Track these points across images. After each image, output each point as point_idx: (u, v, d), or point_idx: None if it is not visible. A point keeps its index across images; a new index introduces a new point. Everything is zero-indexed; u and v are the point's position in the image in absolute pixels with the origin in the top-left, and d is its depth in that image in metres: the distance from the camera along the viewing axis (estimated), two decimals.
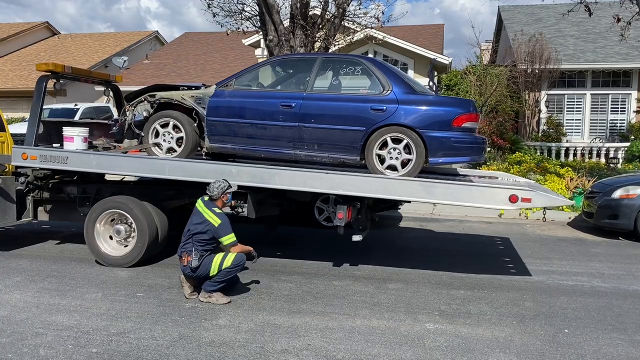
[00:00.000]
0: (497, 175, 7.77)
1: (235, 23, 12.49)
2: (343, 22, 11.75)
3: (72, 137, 6.70)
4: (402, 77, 6.17)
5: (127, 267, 6.43)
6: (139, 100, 6.71)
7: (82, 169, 6.63)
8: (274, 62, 6.83)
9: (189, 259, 5.23)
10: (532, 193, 5.48)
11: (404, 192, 5.71)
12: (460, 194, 5.60)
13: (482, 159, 6.14)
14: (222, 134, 6.34)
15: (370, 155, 5.85)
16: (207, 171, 6.09)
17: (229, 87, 6.46)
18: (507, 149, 16.12)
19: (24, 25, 30.40)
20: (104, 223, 6.56)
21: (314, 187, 5.87)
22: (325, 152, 6.06)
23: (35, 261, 6.79)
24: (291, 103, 6.07)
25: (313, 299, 5.42)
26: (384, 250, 7.73)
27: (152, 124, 6.51)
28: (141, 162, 6.39)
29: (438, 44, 23.24)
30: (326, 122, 5.97)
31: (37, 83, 6.96)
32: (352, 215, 6.18)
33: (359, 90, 6.28)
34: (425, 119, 5.72)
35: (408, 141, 5.73)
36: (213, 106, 6.33)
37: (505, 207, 5.59)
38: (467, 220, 10.40)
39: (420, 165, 5.72)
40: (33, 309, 5.05)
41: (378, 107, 5.84)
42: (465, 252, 7.74)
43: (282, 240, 8.17)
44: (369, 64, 6.25)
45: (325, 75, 6.42)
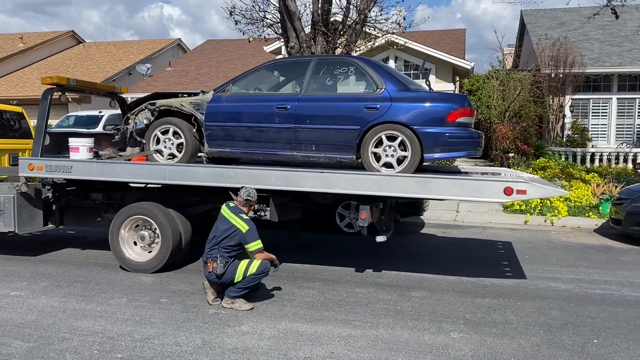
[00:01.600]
0: (499, 172, 7.74)
1: (257, 30, 12.58)
2: (364, 28, 11.74)
3: (77, 147, 6.83)
4: (395, 75, 6.18)
5: (151, 272, 6.48)
6: (139, 108, 6.84)
7: (85, 177, 6.74)
8: (269, 66, 6.86)
9: (215, 266, 5.24)
10: (527, 185, 5.44)
11: (398, 189, 5.70)
12: (455, 188, 5.60)
13: (479, 153, 6.17)
14: (221, 138, 6.44)
15: (366, 154, 5.88)
16: (205, 175, 6.20)
17: (226, 92, 6.56)
18: (531, 154, 15.91)
19: (50, 34, 31.08)
20: (129, 229, 6.63)
21: (311, 186, 5.89)
22: (322, 153, 6.11)
23: (62, 266, 6.90)
24: (286, 105, 6.13)
25: (336, 306, 5.39)
26: (406, 257, 7.66)
27: (152, 131, 6.64)
28: (142, 168, 6.50)
29: (460, 49, 23.09)
30: (321, 122, 6.03)
31: (43, 96, 7.08)
32: (375, 215, 6.15)
33: (353, 89, 6.30)
34: (418, 115, 5.73)
35: (403, 138, 5.75)
36: (211, 112, 6.43)
37: (501, 200, 5.58)
38: (491, 227, 10.26)
39: (416, 161, 5.73)
40: (59, 313, 5.11)
41: (371, 106, 5.87)
42: (490, 259, 7.64)
43: (303, 247, 8.16)
44: (362, 63, 6.29)
45: (319, 76, 6.46)
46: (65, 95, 7.16)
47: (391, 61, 20.16)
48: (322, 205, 7.07)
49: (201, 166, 6.39)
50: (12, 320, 4.93)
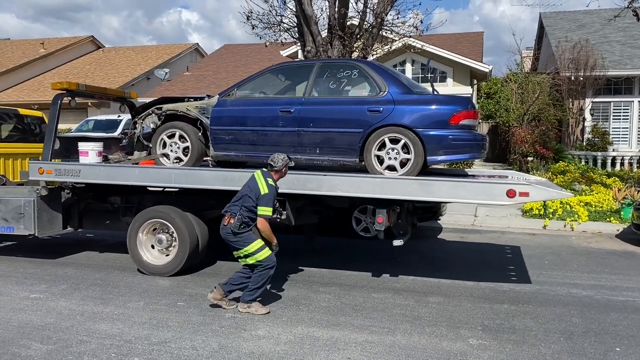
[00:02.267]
0: (507, 174, 7.68)
1: (273, 35, 12.60)
2: (381, 31, 11.70)
3: (86, 152, 6.92)
4: (398, 78, 6.18)
5: (168, 276, 6.51)
6: (146, 113, 6.91)
7: (92, 181, 6.86)
8: (273, 70, 6.87)
9: (232, 221, 5.23)
10: (530, 187, 5.39)
11: (401, 191, 5.68)
12: (457, 190, 5.57)
13: (482, 156, 6.13)
14: (226, 142, 6.50)
15: (369, 157, 5.88)
16: (210, 178, 6.30)
17: (230, 96, 6.62)
18: (551, 158, 15.70)
19: (70, 40, 31.55)
20: (146, 232, 6.68)
21: (313, 189, 5.90)
22: (325, 156, 6.12)
23: (80, 269, 6.96)
24: (290, 108, 6.17)
25: (352, 311, 5.35)
26: (424, 262, 7.60)
27: (159, 135, 6.72)
28: (148, 172, 6.59)
29: (477, 52, 22.93)
30: (324, 125, 6.05)
31: (53, 101, 7.18)
32: (392, 219, 6.11)
33: (356, 93, 6.31)
34: (421, 118, 5.72)
35: (406, 141, 5.74)
36: (216, 115, 6.50)
37: (504, 203, 5.49)
38: (510, 232, 10.14)
39: (419, 164, 5.71)
40: (78, 316, 5.16)
41: (374, 109, 5.87)
42: (508, 264, 7.53)
43: (319, 251, 8.14)
44: (365, 66, 6.31)
45: (323, 80, 6.48)
46: (75, 100, 7.28)
47: (408, 64, 20.10)
48: (338, 209, 7.06)
49: (206, 170, 6.47)
50: (31, 323, 4.98)
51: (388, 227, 6.02)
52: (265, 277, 5.26)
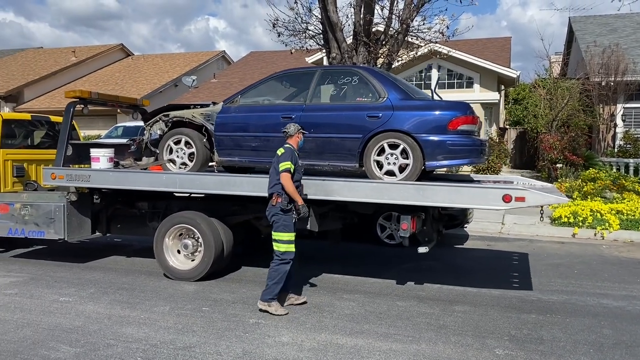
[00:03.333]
0: (512, 180, 7.68)
1: (299, 42, 12.67)
2: (407, 37, 11.66)
3: (98, 157, 7.09)
4: (398, 84, 6.25)
5: (194, 281, 6.57)
6: (154, 120, 7.10)
7: (102, 186, 7.09)
8: (276, 77, 6.99)
9: (279, 200, 5.39)
10: (526, 192, 5.37)
11: (398, 196, 5.70)
12: (453, 195, 5.59)
13: (482, 161, 6.17)
14: (230, 147, 6.65)
15: (369, 162, 5.94)
16: (213, 183, 6.45)
17: (234, 103, 6.78)
18: (580, 165, 15.39)
19: (100, 48, 32.26)
20: (173, 237, 6.76)
21: (312, 194, 5.93)
22: (326, 161, 6.22)
23: (108, 273, 7.08)
24: (291, 115, 6.28)
25: (376, 319, 5.32)
26: (449, 271, 7.51)
27: (166, 141, 6.92)
28: (155, 177, 6.75)
29: (505, 57, 22.68)
30: (324, 131, 6.15)
31: (66, 109, 7.42)
32: (417, 226, 6.08)
33: (356, 99, 6.38)
34: (420, 123, 5.77)
35: (404, 146, 5.79)
36: (220, 122, 6.66)
37: (501, 207, 5.52)
38: (538, 240, 9.96)
39: (418, 169, 5.76)
40: (105, 320, 5.24)
41: (373, 114, 5.95)
42: (536, 273, 7.39)
43: (343, 257, 8.12)
44: (366, 73, 6.41)
45: (324, 86, 6.59)
46: (87, 108, 7.49)
47: (434, 70, 19.98)
48: (362, 215, 7.05)
49: (209, 175, 6.61)
50: (60, 326, 5.08)
51: (413, 233, 5.98)
52: (281, 272, 5.41)
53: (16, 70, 29.45)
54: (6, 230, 7.39)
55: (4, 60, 31.66)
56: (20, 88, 27.01)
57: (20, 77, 28.11)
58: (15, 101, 26.85)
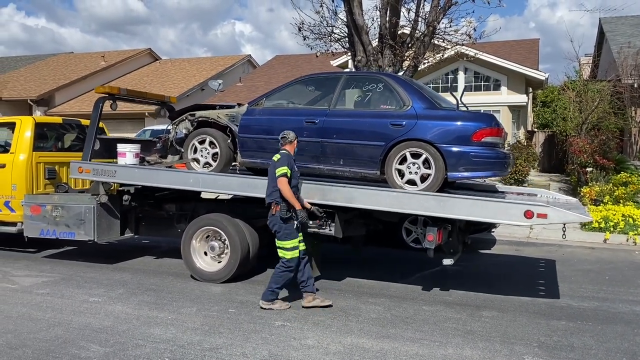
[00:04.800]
0: (536, 193, 7.58)
1: (324, 45, 12.68)
2: (433, 40, 11.58)
3: (124, 153, 7.21)
4: (423, 93, 6.24)
5: (220, 282, 6.63)
6: (180, 119, 7.21)
7: (127, 181, 7.25)
8: (301, 81, 7.05)
9: (278, 209, 5.51)
10: (549, 209, 5.32)
11: (418, 206, 5.70)
12: (474, 208, 5.56)
13: (506, 174, 6.15)
14: (253, 149, 6.72)
15: (390, 170, 5.94)
16: (236, 184, 6.54)
17: (259, 105, 6.85)
18: (611, 169, 15.03)
19: (129, 53, 32.81)
20: (200, 239, 6.82)
21: (332, 200, 5.98)
22: (347, 167, 6.23)
23: (136, 274, 7.18)
24: (315, 119, 6.32)
25: (403, 323, 5.28)
26: (476, 276, 7.42)
27: (190, 140, 7.01)
28: (178, 175, 6.85)
29: (533, 59, 22.34)
30: (347, 137, 6.18)
31: (95, 104, 7.58)
32: (443, 237, 6.03)
33: (380, 106, 6.38)
34: (443, 133, 5.75)
35: (427, 156, 5.77)
36: (244, 124, 6.73)
37: (522, 223, 5.50)
38: (567, 245, 9.76)
39: (439, 179, 5.73)
40: (133, 320, 5.31)
41: (397, 123, 5.94)
42: (566, 279, 7.25)
43: (368, 261, 8.08)
44: (390, 80, 6.42)
45: (349, 92, 6.59)
46: (116, 104, 7.62)
47: (460, 72, 19.79)
48: (387, 222, 7.01)
49: (233, 176, 6.69)
50: (90, 325, 5.17)
51: (438, 245, 5.94)
52: (285, 278, 5.60)
53: (47, 74, 30.15)
54: (38, 231, 7.56)
55: (36, 65, 32.45)
56: (52, 92, 27.63)
57: (52, 81, 28.76)
58: (47, 105, 27.48)
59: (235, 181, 6.55)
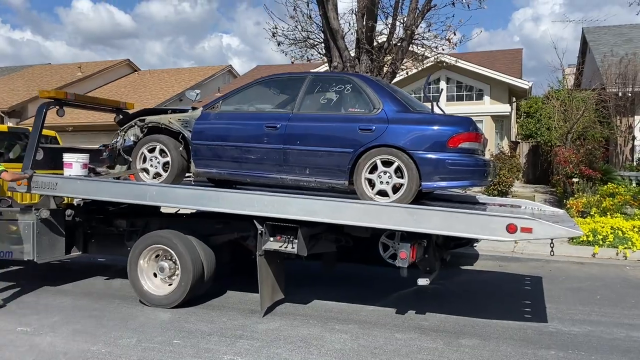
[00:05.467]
0: (520, 204, 7.04)
1: (299, 51, 12.16)
2: (411, 45, 11.07)
3: (70, 164, 6.50)
4: (395, 95, 5.69)
5: (170, 308, 5.91)
6: (129, 125, 6.56)
7: (69, 195, 6.56)
8: (262, 82, 6.46)
9: None
10: (534, 222, 4.74)
11: (388, 220, 5.10)
12: (451, 222, 4.94)
13: (486, 183, 5.64)
14: (208, 158, 6.09)
15: (359, 180, 5.38)
16: (186, 197, 5.85)
17: (215, 109, 6.23)
18: (598, 179, 14.55)
19: (106, 63, 32.06)
20: (148, 259, 6.12)
21: (293, 213, 5.34)
22: (312, 177, 5.64)
23: (79, 298, 6.44)
24: (276, 124, 5.73)
25: (370, 355, 4.61)
26: (456, 296, 6.79)
27: (139, 148, 6.37)
28: (123, 187, 6.16)
29: (516, 69, 22.02)
30: (311, 143, 5.60)
31: (37, 110, 6.88)
32: (417, 254, 5.40)
33: (348, 109, 5.80)
34: (416, 139, 5.23)
35: (399, 164, 5.23)
36: (198, 129, 6.10)
37: (504, 239, 4.87)
38: (554, 260, 9.15)
39: (413, 190, 5.18)
40: (60, 356, 4.59)
41: (366, 127, 5.38)
42: (555, 299, 6.63)
43: (341, 279, 7.41)
44: (359, 81, 5.85)
45: (313, 94, 6.00)
46: (63, 110, 6.95)
47: (442, 82, 19.35)
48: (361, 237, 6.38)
49: (182, 187, 5.99)
50: None
51: (412, 263, 5.32)
52: None
53: (21, 86, 29.27)
54: None
55: (10, 77, 31.56)
56: (24, 103, 26.72)
57: (25, 92, 27.85)
58: (19, 116, 26.57)
59: (182, 193, 5.86)
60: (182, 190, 5.90)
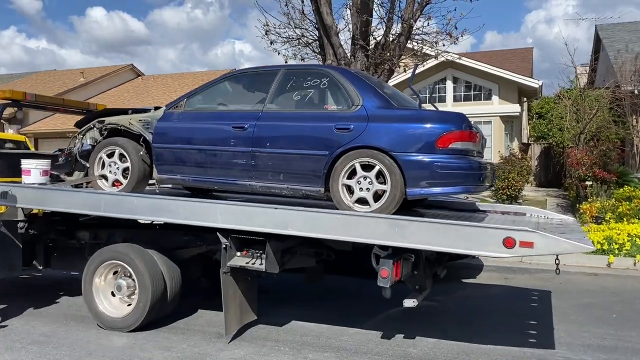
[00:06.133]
0: (525, 211, 6.31)
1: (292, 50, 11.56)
2: (410, 41, 10.39)
3: (29, 170, 5.86)
4: (377, 89, 5.04)
5: (128, 331, 5.27)
6: (88, 127, 5.94)
7: (20, 205, 5.81)
8: (230, 77, 5.79)
9: None
10: (536, 236, 4.02)
11: (365, 233, 4.43)
12: (439, 236, 4.24)
13: (481, 189, 4.91)
14: (171, 162, 5.50)
15: (336, 186, 4.73)
16: (142, 207, 5.22)
17: (178, 108, 5.60)
18: (613, 182, 13.70)
19: (109, 69, 31.76)
20: (104, 277, 5.50)
21: (260, 225, 4.69)
22: (284, 183, 5.00)
23: (31, 320, 5.79)
24: (244, 124, 5.11)
25: None
26: (452, 316, 6.07)
27: (97, 153, 5.76)
28: (75, 196, 5.54)
29: (527, 68, 21.27)
30: (283, 146, 4.98)
31: None
32: (402, 272, 4.71)
33: (324, 106, 5.16)
34: (400, 139, 4.58)
35: (380, 167, 4.58)
36: (160, 131, 5.50)
37: (501, 255, 4.13)
38: (566, 271, 8.32)
39: (396, 197, 4.53)
40: None
41: (343, 126, 4.75)
42: (564, 318, 5.90)
43: (326, 294, 6.73)
44: (337, 74, 5.19)
45: (286, 90, 5.34)
46: (21, 112, 6.41)
47: (449, 82, 18.60)
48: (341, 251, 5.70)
49: (138, 196, 5.34)
50: None
51: (397, 281, 4.62)
52: None
53: None
54: None
55: (14, 83, 31.29)
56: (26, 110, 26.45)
57: None
58: (20, 123, 26.20)
59: (139, 203, 5.22)
60: (139, 200, 5.25)
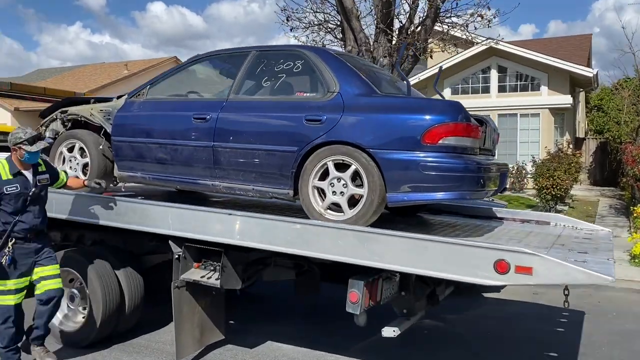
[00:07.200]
0: (549, 220, 5.16)
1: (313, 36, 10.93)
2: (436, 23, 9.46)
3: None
4: (359, 73, 4.18)
5: (83, 346, 4.70)
6: (51, 117, 5.38)
7: None
8: (196, 60, 5.08)
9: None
10: (536, 259, 3.11)
11: (330, 248, 3.67)
12: (415, 255, 3.41)
13: (482, 195, 3.98)
14: (131, 158, 4.91)
15: (306, 189, 3.99)
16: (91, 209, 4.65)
17: (140, 97, 4.97)
18: None
19: (153, 61, 32.01)
20: None
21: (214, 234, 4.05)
22: (249, 183, 4.28)
23: None
24: (205, 115, 4.42)
25: None
26: (456, 343, 5.19)
27: (57, 147, 5.24)
28: None
29: (583, 56, 19.57)
30: (247, 140, 4.25)
31: None
32: (382, 294, 3.91)
33: (296, 93, 4.37)
34: (380, 133, 3.78)
35: (357, 167, 3.81)
36: (119, 122, 4.90)
37: (491, 282, 3.23)
38: (608, 287, 7.24)
39: (375, 203, 3.74)
40: None
41: (314, 117, 3.99)
42: (594, 350, 4.91)
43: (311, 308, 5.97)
44: (313, 55, 4.35)
45: (256, 75, 4.57)
46: None
47: (493, 71, 17.30)
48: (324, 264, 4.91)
49: (89, 196, 4.75)
50: None
51: (372, 306, 3.83)
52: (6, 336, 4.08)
53: (68, 85, 29.48)
54: None
55: (62, 76, 32.17)
56: None
57: None
58: None
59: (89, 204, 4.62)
60: (90, 200, 4.67)
